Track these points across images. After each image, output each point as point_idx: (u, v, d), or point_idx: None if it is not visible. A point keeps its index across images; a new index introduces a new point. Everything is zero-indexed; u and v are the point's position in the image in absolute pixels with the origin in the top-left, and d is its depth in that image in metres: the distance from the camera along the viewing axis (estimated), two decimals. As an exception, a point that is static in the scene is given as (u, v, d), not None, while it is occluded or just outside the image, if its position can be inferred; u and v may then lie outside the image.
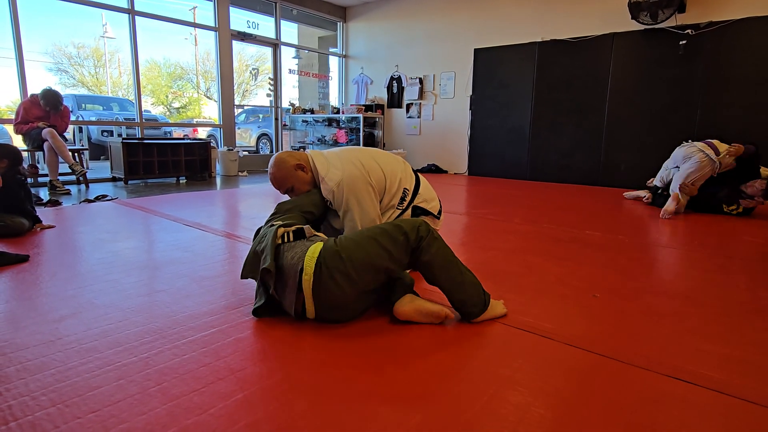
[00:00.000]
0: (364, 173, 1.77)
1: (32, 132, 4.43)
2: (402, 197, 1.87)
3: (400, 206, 1.88)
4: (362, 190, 1.75)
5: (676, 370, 1.24)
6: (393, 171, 1.86)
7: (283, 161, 1.79)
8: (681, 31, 5.02)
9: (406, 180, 1.90)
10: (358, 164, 1.79)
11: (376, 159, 1.85)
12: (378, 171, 1.82)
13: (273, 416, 1.00)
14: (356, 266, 1.38)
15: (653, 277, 2.09)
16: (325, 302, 1.40)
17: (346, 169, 1.76)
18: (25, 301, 1.65)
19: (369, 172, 1.79)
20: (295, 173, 1.78)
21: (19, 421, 0.96)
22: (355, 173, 1.76)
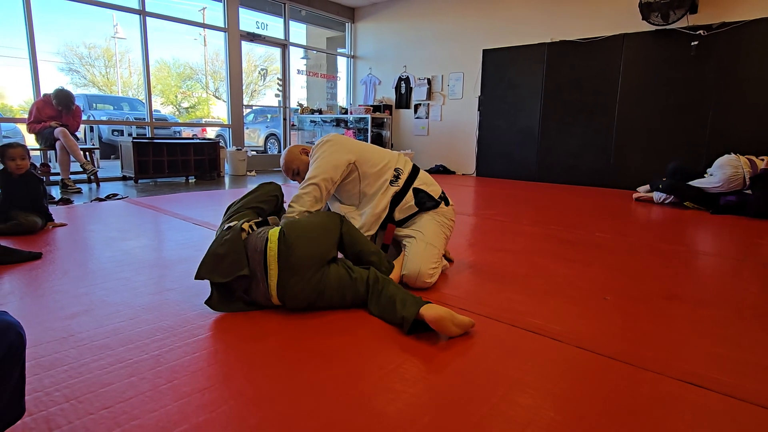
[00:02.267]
0: (344, 142, 1.94)
1: (45, 131, 4.49)
2: (396, 175, 1.94)
3: (395, 184, 1.92)
4: (334, 149, 1.89)
5: (687, 374, 1.23)
6: (381, 152, 2.01)
7: (291, 150, 2.06)
8: (693, 32, 4.97)
9: (401, 163, 1.99)
10: (349, 141, 1.97)
11: (367, 146, 2.03)
12: (367, 151, 1.97)
13: (283, 414, 1.01)
14: (316, 227, 1.60)
15: (664, 280, 2.07)
16: (288, 264, 1.48)
17: (333, 136, 1.96)
18: (38, 298, 1.67)
19: (355, 148, 1.94)
20: (299, 156, 2.02)
21: (33, 416, 0.98)
22: (335, 139, 1.94)
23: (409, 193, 1.93)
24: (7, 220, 2.59)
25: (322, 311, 1.57)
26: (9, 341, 0.66)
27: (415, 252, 1.83)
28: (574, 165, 6.02)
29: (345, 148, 1.91)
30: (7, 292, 1.72)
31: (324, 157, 1.87)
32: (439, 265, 1.90)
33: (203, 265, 1.52)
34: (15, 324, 0.70)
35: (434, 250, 1.86)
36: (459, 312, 1.61)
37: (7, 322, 0.68)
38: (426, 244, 1.85)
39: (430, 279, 1.81)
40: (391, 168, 1.95)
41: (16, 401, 0.75)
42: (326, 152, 1.88)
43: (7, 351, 0.65)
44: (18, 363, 0.70)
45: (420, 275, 1.79)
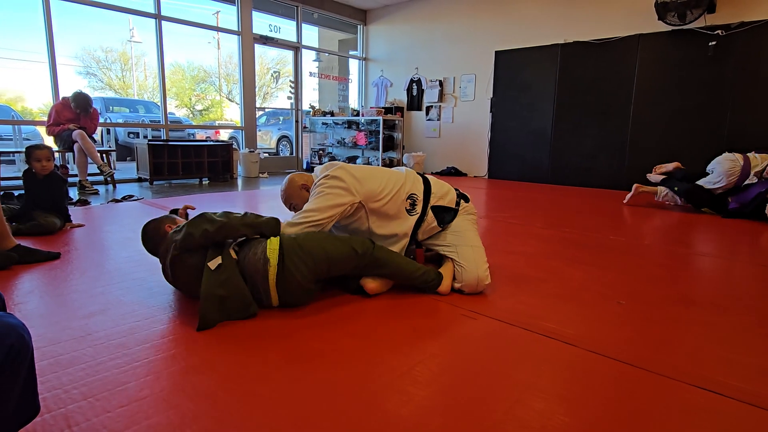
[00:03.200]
0: (353, 184, 1.77)
1: (63, 133, 4.58)
2: (411, 203, 1.86)
3: (413, 212, 1.86)
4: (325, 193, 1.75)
5: (705, 380, 1.20)
6: (395, 182, 1.86)
7: (293, 180, 1.94)
8: (710, 32, 4.89)
9: (412, 185, 1.89)
10: (353, 175, 1.80)
11: (374, 174, 1.86)
12: (371, 184, 1.81)
13: (295, 415, 1.01)
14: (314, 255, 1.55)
15: (680, 284, 2.04)
16: (287, 288, 1.54)
17: (335, 170, 1.80)
18: (57, 297, 1.71)
19: (360, 186, 1.78)
20: (299, 192, 1.91)
21: (52, 413, 1.00)
22: (345, 176, 1.78)
23: (429, 215, 1.89)
24: (28, 221, 2.65)
25: (333, 310, 1.58)
26: (9, 343, 0.66)
27: (467, 259, 1.80)
28: (588, 167, 5.96)
29: (349, 188, 1.76)
30: (27, 291, 1.76)
31: (324, 194, 1.75)
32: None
33: (208, 312, 1.44)
34: (17, 326, 0.69)
35: (480, 250, 1.86)
36: (469, 315, 1.61)
37: (9, 324, 0.68)
38: (472, 248, 1.84)
39: (487, 280, 1.81)
40: (404, 195, 1.85)
41: (28, 401, 0.76)
42: (326, 191, 1.75)
43: (7, 353, 0.65)
44: (22, 365, 0.69)
45: (480, 281, 1.78)
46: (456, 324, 1.54)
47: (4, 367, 0.65)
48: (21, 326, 0.70)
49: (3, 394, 0.67)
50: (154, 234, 1.73)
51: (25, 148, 2.74)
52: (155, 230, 1.74)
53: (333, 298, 1.73)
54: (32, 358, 0.73)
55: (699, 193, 3.96)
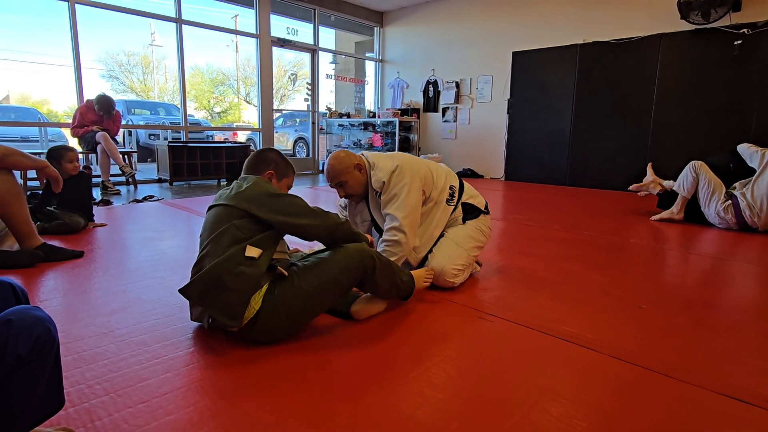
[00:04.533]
0: (414, 168, 1.84)
1: (87, 135, 4.70)
2: (451, 194, 1.93)
3: (450, 203, 1.93)
4: (412, 179, 1.80)
5: (731, 388, 1.17)
6: (438, 170, 1.95)
7: (344, 158, 1.83)
8: (736, 31, 4.76)
9: (452, 179, 1.98)
10: (410, 160, 1.87)
11: (422, 161, 1.94)
12: (424, 169, 1.89)
13: (311, 414, 1.01)
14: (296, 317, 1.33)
15: (705, 289, 1.98)
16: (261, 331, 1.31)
17: (398, 161, 1.84)
18: (81, 294, 1.75)
19: (417, 169, 1.85)
20: (352, 171, 1.82)
21: (76, 408, 1.02)
22: (406, 166, 1.83)
23: (459, 209, 1.95)
24: (52, 220, 2.72)
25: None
26: (36, 335, 0.68)
27: (442, 250, 1.84)
28: (608, 169, 5.85)
29: (416, 176, 1.82)
30: (51, 289, 1.81)
31: (406, 195, 1.76)
32: (466, 268, 1.89)
33: (195, 285, 1.29)
34: (44, 318, 0.71)
35: (462, 252, 1.85)
36: (485, 317, 1.60)
37: (36, 316, 0.70)
38: (455, 245, 1.85)
39: (452, 279, 1.81)
40: (447, 186, 1.94)
41: (53, 394, 0.77)
42: (405, 189, 1.77)
43: (34, 345, 0.67)
44: (48, 357, 0.71)
45: (443, 273, 1.79)
46: (472, 326, 1.53)
47: (31, 358, 0.67)
48: (47, 319, 0.71)
49: (29, 386, 0.69)
50: None
51: (51, 150, 2.81)
52: None
53: (349, 298, 1.73)
54: (58, 351, 0.75)
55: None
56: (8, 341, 0.65)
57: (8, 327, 0.66)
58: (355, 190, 1.86)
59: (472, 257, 1.93)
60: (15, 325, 0.67)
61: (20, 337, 0.66)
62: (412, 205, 1.77)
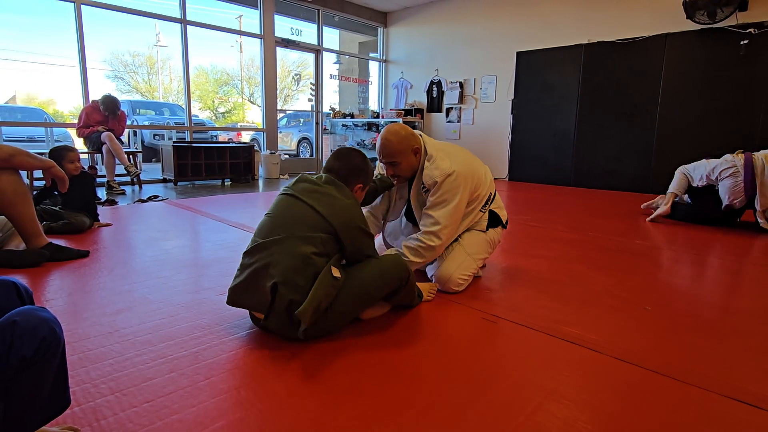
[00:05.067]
0: (469, 176, 1.76)
1: (92, 135, 4.73)
2: (487, 200, 1.90)
3: (483, 209, 1.91)
4: (464, 190, 1.75)
5: (738, 391, 1.16)
6: (487, 175, 1.90)
7: (404, 138, 1.74)
8: (742, 31, 4.73)
9: (491, 185, 1.94)
10: (467, 165, 1.77)
11: (476, 164, 1.86)
12: (477, 176, 1.82)
13: (317, 415, 1.02)
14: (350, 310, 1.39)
15: (711, 291, 1.97)
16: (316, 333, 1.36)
17: (456, 165, 1.74)
18: (86, 294, 1.76)
19: (472, 176, 1.78)
20: (409, 155, 1.75)
21: (82, 407, 1.03)
22: (463, 173, 1.74)
23: (486, 215, 1.93)
24: (58, 220, 2.74)
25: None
26: (41, 336, 0.68)
27: (453, 258, 1.84)
28: (612, 170, 5.83)
29: (469, 186, 1.77)
30: (57, 288, 1.82)
31: (455, 204, 1.72)
32: (472, 277, 1.90)
33: (310, 313, 1.23)
34: (49, 319, 0.71)
35: (472, 263, 1.86)
36: (490, 318, 1.59)
37: (41, 317, 0.70)
38: (466, 254, 1.85)
39: (457, 287, 1.83)
40: (488, 194, 1.89)
41: (59, 394, 0.78)
42: (456, 199, 1.72)
43: (39, 346, 0.67)
44: (53, 358, 0.71)
45: (450, 281, 1.81)
46: (476, 327, 1.52)
47: (36, 359, 0.67)
48: (53, 320, 0.71)
49: (35, 387, 0.69)
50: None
51: (53, 150, 2.83)
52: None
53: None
54: (63, 352, 0.75)
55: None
56: (13, 342, 0.65)
57: (13, 328, 0.66)
58: (404, 173, 1.79)
59: (479, 266, 1.93)
60: (20, 326, 0.67)
61: (25, 338, 0.66)
62: (457, 217, 1.76)
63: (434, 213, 1.74)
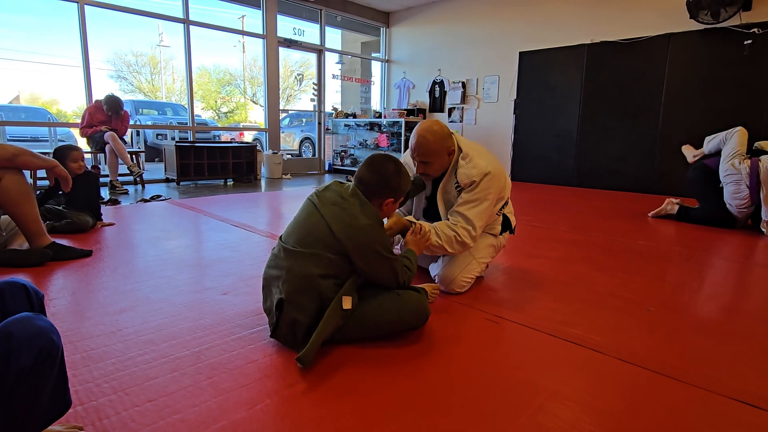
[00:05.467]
0: (500, 178, 1.75)
1: (96, 135, 4.74)
2: (504, 204, 1.89)
3: (500, 213, 1.90)
4: (498, 190, 1.75)
5: (741, 392, 1.15)
6: (508, 179, 1.88)
7: (441, 139, 1.68)
8: (746, 30, 4.71)
9: (509, 190, 1.93)
10: (497, 167, 1.76)
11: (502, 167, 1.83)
12: (505, 177, 1.82)
13: (319, 415, 1.01)
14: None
15: (714, 292, 1.96)
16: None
17: (491, 166, 1.72)
18: (89, 293, 1.76)
19: (502, 179, 1.78)
20: (444, 155, 1.71)
21: (84, 406, 1.03)
22: (497, 174, 1.72)
23: (500, 219, 1.93)
24: (61, 219, 2.75)
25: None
26: (40, 346, 0.67)
27: (459, 260, 1.83)
28: (615, 170, 5.81)
29: (501, 187, 1.76)
30: (60, 287, 1.82)
31: (489, 204, 1.71)
32: (475, 279, 1.89)
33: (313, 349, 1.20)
34: (47, 328, 0.69)
35: (476, 266, 1.86)
36: (492, 318, 1.59)
37: (39, 327, 0.68)
38: (472, 258, 1.85)
39: (460, 289, 1.83)
40: (507, 197, 1.89)
41: (59, 399, 0.77)
42: (490, 198, 1.71)
43: (37, 356, 0.66)
44: (52, 367, 0.70)
45: (454, 282, 1.80)
46: (478, 328, 1.52)
47: (35, 370, 0.66)
48: (50, 329, 0.70)
49: (34, 396, 0.69)
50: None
51: (57, 149, 2.84)
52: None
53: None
54: (62, 358, 0.74)
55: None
56: (11, 355, 0.64)
57: (9, 340, 0.65)
58: (435, 173, 1.75)
59: (482, 269, 1.93)
60: (16, 337, 0.65)
61: (23, 350, 0.65)
62: (488, 216, 1.76)
63: (470, 213, 1.69)
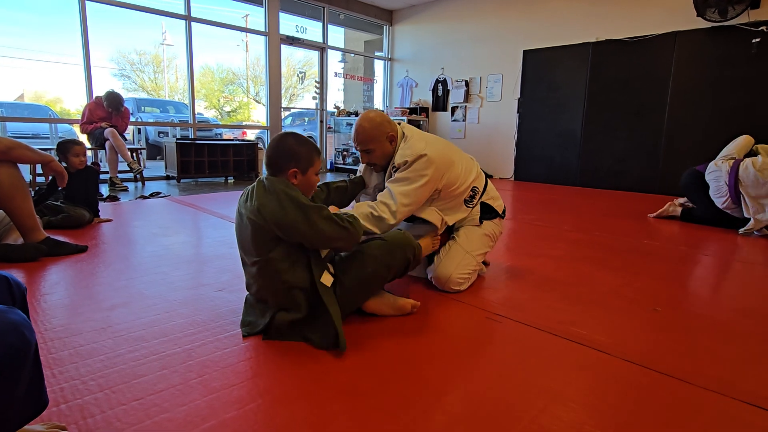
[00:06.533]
0: (442, 165, 1.67)
1: (96, 131, 4.72)
2: (471, 195, 1.82)
3: (469, 204, 1.83)
4: (434, 176, 1.65)
5: (753, 396, 1.11)
6: (469, 168, 1.81)
7: (379, 125, 1.67)
8: (754, 29, 4.64)
9: (479, 180, 1.86)
10: (444, 154, 1.69)
11: (457, 156, 1.78)
12: (455, 169, 1.73)
13: (311, 415, 0.97)
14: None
15: (722, 292, 1.91)
16: None
17: (431, 150, 1.65)
18: (82, 289, 1.73)
19: (446, 165, 1.69)
20: (383, 142, 1.68)
21: (69, 404, 0.99)
22: (436, 159, 1.64)
23: (476, 208, 1.86)
24: (58, 213, 2.72)
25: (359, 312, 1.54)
26: (9, 343, 0.62)
27: (451, 257, 1.79)
28: (620, 170, 5.75)
29: (440, 174, 1.67)
30: (53, 283, 1.79)
31: (419, 186, 1.62)
32: (472, 274, 1.84)
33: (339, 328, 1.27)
34: (19, 323, 0.65)
35: (471, 260, 1.80)
36: (494, 317, 1.55)
37: (9, 321, 0.64)
38: (464, 252, 1.80)
39: (458, 286, 1.77)
40: (470, 188, 1.80)
41: (34, 397, 0.72)
42: (422, 180, 1.63)
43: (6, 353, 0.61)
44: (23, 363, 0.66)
45: (450, 280, 1.75)
46: (480, 327, 1.48)
47: (4, 367, 0.62)
48: (22, 322, 0.66)
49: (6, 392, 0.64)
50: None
51: (59, 144, 2.82)
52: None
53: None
54: (36, 354, 0.70)
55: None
56: None
57: None
58: (379, 161, 1.72)
59: (480, 263, 1.88)
60: None
61: None
62: (418, 199, 1.64)
63: (396, 190, 1.62)
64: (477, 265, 1.85)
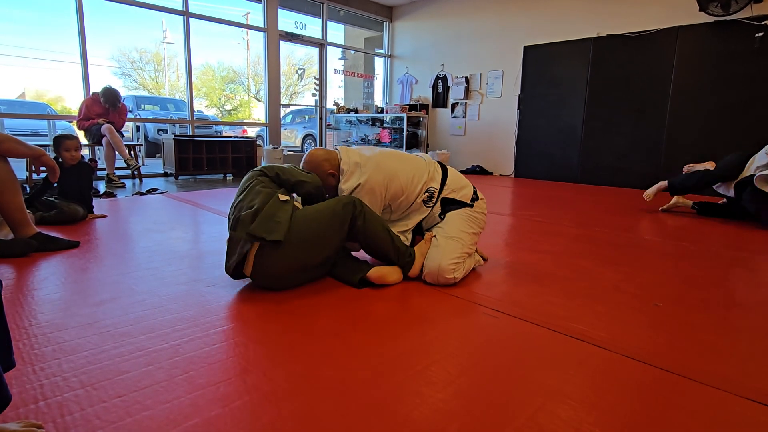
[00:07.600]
0: (378, 187, 1.80)
1: (93, 128, 4.68)
2: (429, 196, 1.86)
3: (429, 204, 1.87)
4: (371, 201, 1.80)
5: (759, 393, 1.07)
6: (416, 177, 1.85)
7: (320, 164, 1.86)
8: (757, 23, 4.59)
9: (432, 179, 1.88)
10: (379, 174, 1.80)
11: (397, 168, 1.84)
12: (394, 182, 1.82)
13: (299, 413, 0.94)
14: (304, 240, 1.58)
15: (725, 288, 1.87)
16: (266, 270, 1.57)
17: (364, 178, 1.79)
18: (70, 284, 1.70)
19: (384, 184, 1.81)
20: (327, 177, 1.87)
21: (48, 401, 0.96)
22: (370, 184, 1.79)
23: (437, 206, 1.89)
24: (51, 209, 2.68)
25: (343, 304, 1.50)
26: None
27: (434, 247, 1.78)
28: (620, 167, 5.71)
29: (378, 199, 1.81)
30: (42, 278, 1.76)
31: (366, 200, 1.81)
32: (464, 259, 1.79)
33: (243, 223, 1.55)
34: None
35: (455, 244, 1.76)
36: (492, 313, 1.51)
37: None
38: (447, 239, 1.77)
39: (451, 274, 1.71)
40: (424, 191, 1.85)
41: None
42: (366, 198, 1.80)
43: None
44: None
45: (440, 271, 1.70)
46: (477, 322, 1.44)
47: None
48: None
49: None
50: None
51: (54, 138, 2.79)
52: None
53: (343, 291, 1.66)
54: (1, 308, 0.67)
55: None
56: None
57: None
58: (332, 192, 1.90)
59: (469, 246, 1.82)
60: None
61: None
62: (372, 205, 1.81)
63: None
64: (465, 248, 1.79)
